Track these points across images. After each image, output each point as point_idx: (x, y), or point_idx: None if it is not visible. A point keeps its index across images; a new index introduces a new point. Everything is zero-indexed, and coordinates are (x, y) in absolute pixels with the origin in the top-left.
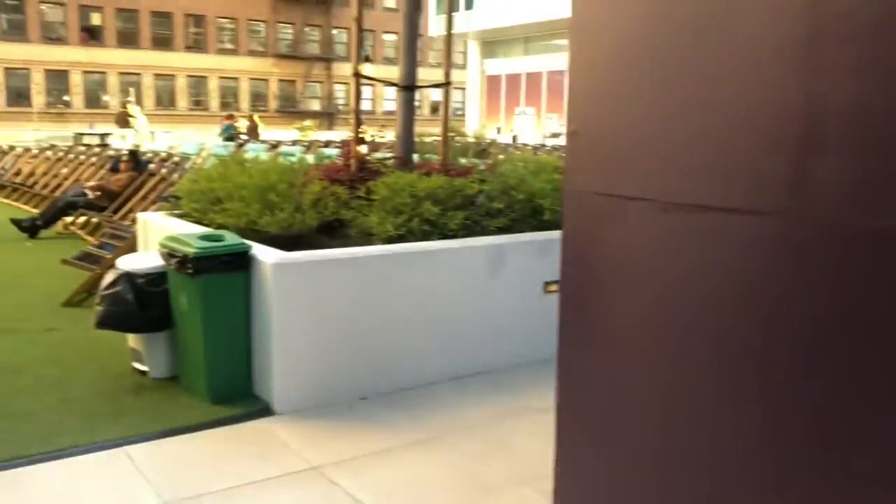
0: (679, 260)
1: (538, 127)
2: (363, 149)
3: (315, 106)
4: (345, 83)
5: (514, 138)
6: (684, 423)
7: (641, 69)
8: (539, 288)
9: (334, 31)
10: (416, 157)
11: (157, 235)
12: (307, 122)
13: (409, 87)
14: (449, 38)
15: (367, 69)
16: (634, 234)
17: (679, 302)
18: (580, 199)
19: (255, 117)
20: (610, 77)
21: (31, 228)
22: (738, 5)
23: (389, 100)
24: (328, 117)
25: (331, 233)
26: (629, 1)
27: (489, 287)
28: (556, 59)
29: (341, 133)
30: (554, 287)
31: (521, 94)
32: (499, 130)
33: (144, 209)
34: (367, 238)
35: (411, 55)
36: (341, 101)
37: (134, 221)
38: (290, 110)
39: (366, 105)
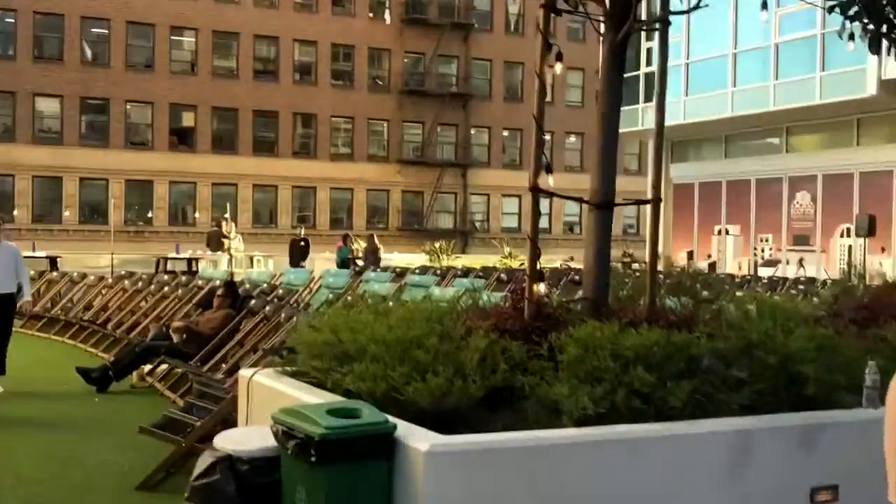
0: None
1: (745, 252)
2: (541, 287)
3: (446, 223)
4: (483, 194)
5: (712, 266)
6: None
7: None
8: (804, 497)
9: (472, 132)
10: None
11: (266, 401)
12: (438, 244)
13: (606, 205)
14: (660, 138)
15: (549, 181)
16: None
17: None
18: None
19: (375, 238)
20: None
21: (101, 380)
22: None
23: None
24: (462, 237)
25: (499, 405)
26: None
27: (729, 493)
28: (770, 163)
29: (480, 257)
30: (826, 495)
31: (721, 207)
32: (691, 255)
33: (244, 360)
34: (551, 415)
35: (608, 163)
36: (478, 218)
37: (230, 375)
38: (416, 228)
39: (510, 221)
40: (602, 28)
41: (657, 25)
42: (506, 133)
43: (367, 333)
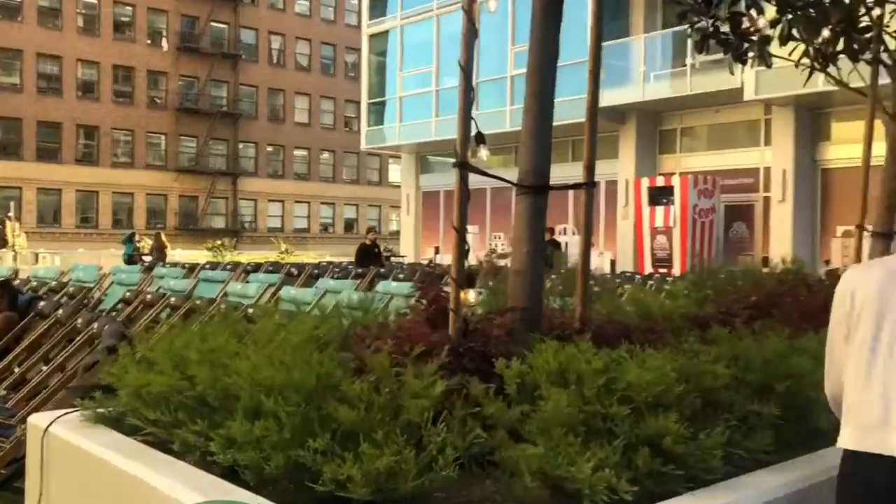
0: None
1: (482, 247)
2: (471, 296)
3: (219, 223)
4: (251, 199)
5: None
6: None
7: None
8: None
9: (241, 146)
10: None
11: (72, 468)
12: (220, 242)
13: (540, 189)
14: (593, 113)
15: (482, 155)
16: None
17: None
18: None
19: (162, 236)
20: None
21: None
22: None
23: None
24: (233, 235)
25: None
26: None
27: None
28: (501, 175)
29: (255, 253)
30: None
31: None
32: (437, 251)
33: (32, 370)
34: (553, 497)
35: (542, 136)
36: (247, 219)
37: (15, 391)
38: (192, 228)
39: (274, 223)
40: None
41: None
42: (269, 148)
43: (243, 371)
